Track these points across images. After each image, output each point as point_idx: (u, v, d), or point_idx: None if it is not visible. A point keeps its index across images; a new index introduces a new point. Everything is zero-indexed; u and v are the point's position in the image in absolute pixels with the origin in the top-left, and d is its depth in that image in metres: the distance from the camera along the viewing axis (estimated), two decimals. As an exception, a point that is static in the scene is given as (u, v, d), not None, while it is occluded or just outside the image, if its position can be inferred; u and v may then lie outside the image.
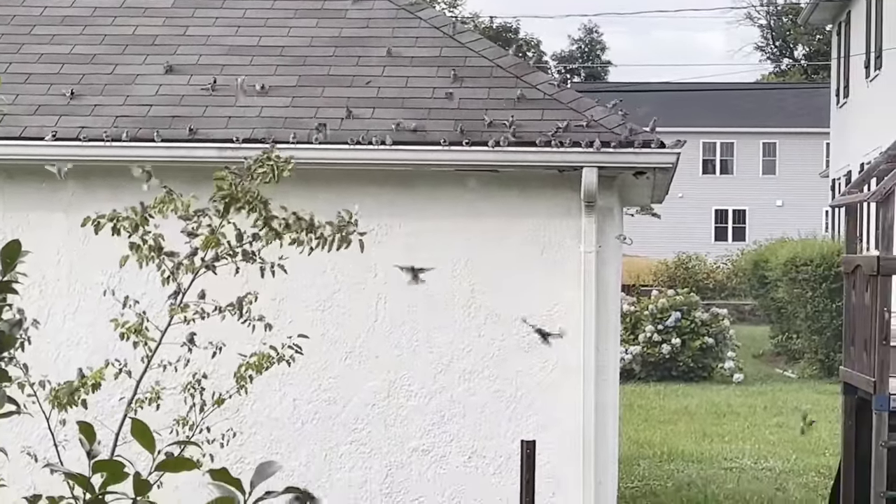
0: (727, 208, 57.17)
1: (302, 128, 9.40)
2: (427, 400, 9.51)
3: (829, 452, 16.98)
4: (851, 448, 12.36)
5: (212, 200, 5.18)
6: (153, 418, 4.71)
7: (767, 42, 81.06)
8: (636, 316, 25.61)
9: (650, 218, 36.23)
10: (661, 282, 40.04)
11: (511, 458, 9.08)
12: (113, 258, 9.18)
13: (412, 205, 9.55)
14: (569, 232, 9.44)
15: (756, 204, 56.33)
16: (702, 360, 25.52)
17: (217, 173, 5.21)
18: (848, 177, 29.94)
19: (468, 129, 9.33)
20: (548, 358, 9.45)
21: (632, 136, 9.22)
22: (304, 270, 8.70)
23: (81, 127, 9.47)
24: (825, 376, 25.12)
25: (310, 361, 9.33)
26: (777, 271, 27.69)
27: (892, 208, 11.38)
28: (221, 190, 5.05)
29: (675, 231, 50.33)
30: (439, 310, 9.48)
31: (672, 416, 20.64)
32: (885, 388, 10.90)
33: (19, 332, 5.48)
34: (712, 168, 57.75)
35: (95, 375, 5.43)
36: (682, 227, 51.98)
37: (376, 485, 9.48)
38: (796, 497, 14.51)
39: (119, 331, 5.57)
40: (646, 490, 14.86)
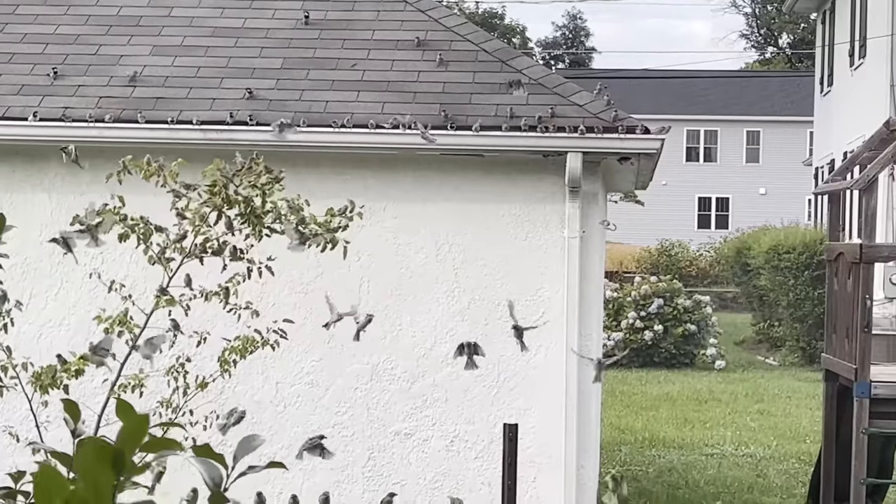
0: (710, 196, 57.26)
1: (287, 110, 9.37)
2: (409, 384, 9.51)
3: (809, 439, 17.05)
4: (832, 435, 12.40)
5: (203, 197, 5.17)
6: (136, 402, 4.71)
7: (752, 30, 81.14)
8: (619, 302, 25.65)
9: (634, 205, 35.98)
10: (645, 269, 40.10)
11: (493, 443, 9.09)
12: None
13: (396, 188, 9.54)
14: (553, 217, 9.45)
15: (739, 192, 56.43)
16: (684, 346, 25.59)
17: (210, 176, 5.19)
18: (831, 165, 30.01)
19: (453, 113, 9.32)
20: (531, 342, 9.44)
21: (616, 121, 9.22)
22: (288, 253, 8.68)
23: (65, 107, 9.43)
24: (806, 364, 25.21)
25: (293, 345, 9.32)
26: (759, 259, 27.75)
27: (875, 196, 11.41)
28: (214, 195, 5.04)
29: (659, 218, 50.43)
30: (423, 294, 9.48)
31: (654, 403, 20.69)
32: (867, 375, 10.94)
33: (1, 312, 5.47)
34: (696, 156, 57.81)
35: (78, 362, 5.41)
36: (665, 214, 52.08)
37: (358, 468, 9.49)
38: (777, 483, 14.56)
39: (103, 326, 5.55)
40: (627, 475, 14.89)
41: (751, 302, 31.28)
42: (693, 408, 20.29)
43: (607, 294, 24.72)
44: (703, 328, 25.87)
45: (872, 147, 12.57)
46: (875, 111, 23.84)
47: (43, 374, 5.18)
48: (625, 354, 7.55)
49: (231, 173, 4.94)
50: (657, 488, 14.04)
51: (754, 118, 57.10)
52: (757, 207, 52.34)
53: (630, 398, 21.14)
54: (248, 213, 4.85)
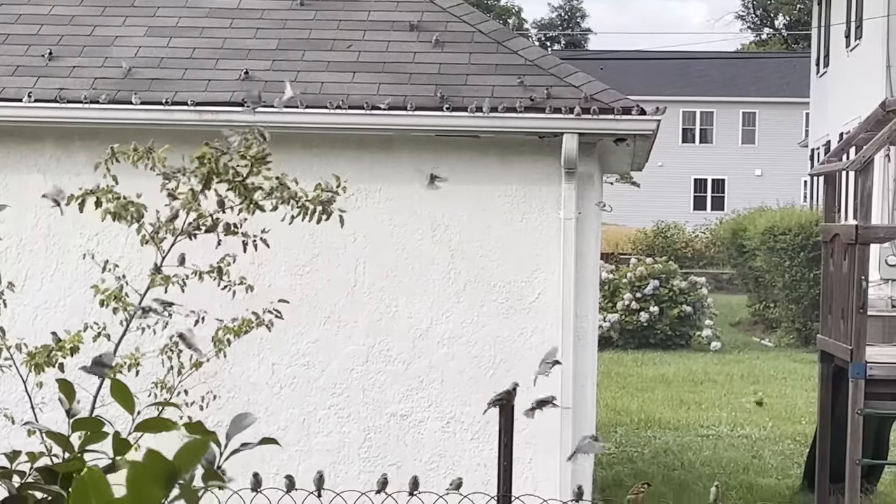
0: (706, 177, 57.25)
1: (282, 91, 9.34)
2: (405, 365, 9.51)
3: (805, 420, 17.08)
4: (827, 415, 12.43)
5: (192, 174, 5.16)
6: (131, 382, 4.70)
7: (748, 11, 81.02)
8: (615, 284, 25.66)
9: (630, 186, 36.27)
10: (640, 250, 40.11)
11: (489, 424, 9.09)
12: (91, 221, 9.14)
13: (392, 170, 9.53)
14: (549, 198, 9.44)
15: (735, 173, 56.43)
16: (679, 328, 25.61)
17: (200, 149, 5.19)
18: (827, 146, 30.00)
19: (449, 94, 9.30)
20: (527, 324, 9.46)
21: (612, 102, 9.20)
22: (283, 235, 8.68)
23: (60, 88, 9.41)
24: (802, 345, 25.24)
25: (288, 326, 9.32)
26: (755, 240, 27.75)
27: (871, 177, 11.40)
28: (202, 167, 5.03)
29: (655, 200, 50.41)
30: (418, 275, 9.48)
31: (649, 384, 20.71)
32: (862, 356, 10.95)
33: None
34: (692, 137, 57.78)
35: (73, 339, 5.41)
36: (661, 196, 52.07)
37: (354, 449, 9.50)
38: (772, 464, 14.58)
39: (99, 297, 5.54)
40: (623, 456, 14.92)
41: (746, 283, 31.30)
42: (689, 389, 20.32)
43: (603, 275, 24.73)
44: (698, 309, 25.89)
45: (868, 128, 12.56)
46: (871, 92, 23.83)
47: (37, 353, 5.17)
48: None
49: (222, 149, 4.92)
50: (653, 469, 14.07)
51: (750, 99, 57.06)
52: (753, 189, 52.35)
53: (626, 379, 21.17)
54: (238, 182, 4.84)
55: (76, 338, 5.11)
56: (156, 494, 1.66)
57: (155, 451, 1.69)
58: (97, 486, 1.61)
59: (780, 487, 12.77)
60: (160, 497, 1.67)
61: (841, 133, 26.99)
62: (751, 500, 8.68)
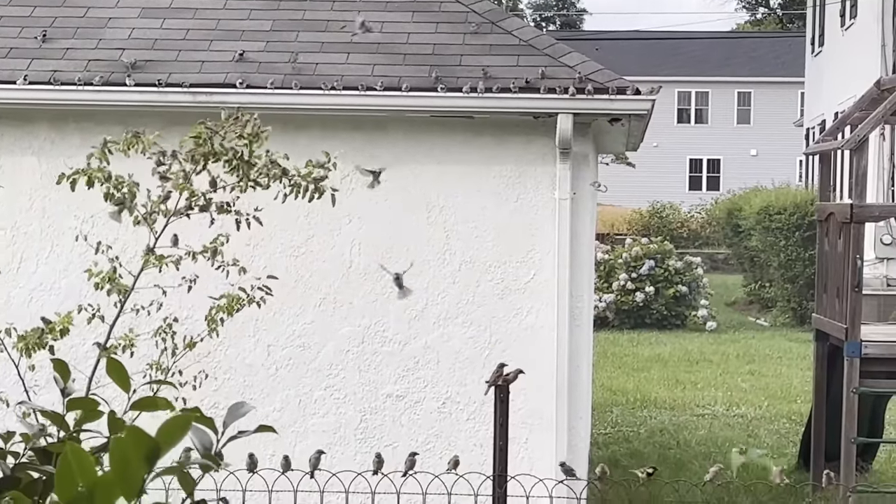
0: (702, 157, 57.24)
1: (277, 73, 9.34)
2: (401, 346, 9.52)
3: (800, 399, 17.11)
4: (823, 394, 12.46)
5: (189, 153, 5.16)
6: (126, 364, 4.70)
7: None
8: (610, 264, 25.68)
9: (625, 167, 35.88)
10: (636, 230, 40.14)
11: (485, 404, 9.10)
12: (86, 203, 9.14)
13: (387, 151, 9.52)
14: (543, 179, 9.43)
15: (730, 153, 56.42)
16: (675, 308, 25.63)
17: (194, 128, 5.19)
18: (822, 126, 30.00)
19: (443, 74, 9.29)
20: (522, 304, 9.46)
21: (607, 82, 9.20)
22: (278, 216, 8.68)
23: (54, 70, 9.39)
24: (797, 324, 25.28)
25: (284, 307, 9.34)
26: (751, 220, 27.77)
27: (866, 156, 11.40)
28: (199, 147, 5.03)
29: (650, 180, 50.43)
30: (413, 256, 9.47)
31: (645, 364, 20.74)
32: (857, 335, 10.98)
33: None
34: (687, 117, 57.76)
35: (63, 321, 5.40)
36: (656, 176, 52.08)
37: (350, 430, 9.51)
38: (767, 443, 14.61)
39: (94, 280, 5.54)
40: (619, 436, 14.95)
41: (742, 263, 31.33)
42: (684, 369, 20.35)
43: (598, 256, 24.74)
44: (694, 289, 25.91)
45: (863, 107, 12.56)
46: (866, 71, 23.81)
47: (28, 336, 5.17)
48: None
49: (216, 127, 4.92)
50: (648, 448, 14.10)
51: (745, 79, 57.02)
52: (748, 168, 52.34)
53: (621, 359, 21.20)
54: (237, 161, 4.84)
55: (66, 319, 5.10)
56: (139, 470, 1.67)
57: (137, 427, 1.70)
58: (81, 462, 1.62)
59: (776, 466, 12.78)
60: (143, 472, 1.68)
61: (836, 112, 26.98)
62: (746, 478, 8.71)
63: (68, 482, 1.63)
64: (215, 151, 5.07)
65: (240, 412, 2.41)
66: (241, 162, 5.03)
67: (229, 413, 2.39)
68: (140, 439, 1.67)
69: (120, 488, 1.65)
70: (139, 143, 5.29)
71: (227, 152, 5.09)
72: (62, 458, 1.64)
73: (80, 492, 1.60)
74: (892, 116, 11.87)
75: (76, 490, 1.61)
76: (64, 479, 1.63)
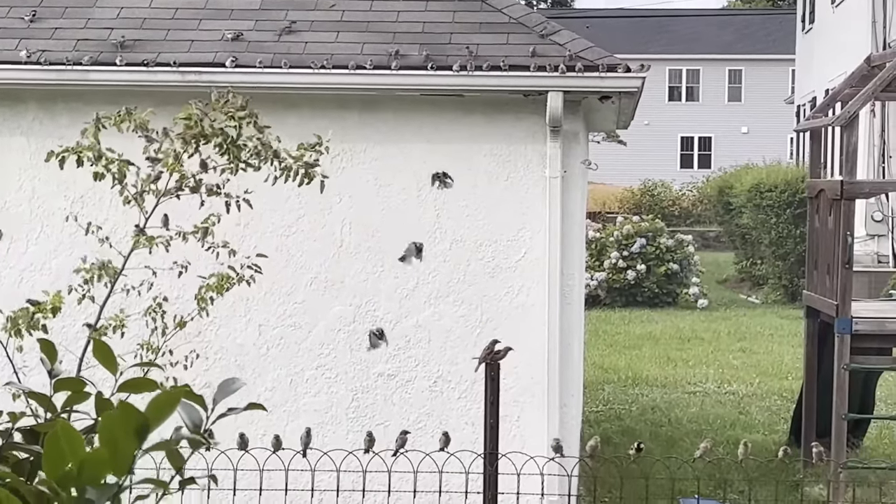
0: (693, 135, 57.23)
1: (266, 52, 9.31)
2: (392, 325, 9.52)
3: (791, 376, 17.15)
4: (814, 371, 12.49)
5: (179, 136, 5.15)
6: (117, 344, 4.70)
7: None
8: (601, 242, 25.70)
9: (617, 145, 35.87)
10: (627, 209, 40.14)
11: (476, 383, 9.11)
12: (76, 184, 9.12)
13: (378, 129, 9.50)
14: (534, 157, 9.42)
15: (721, 131, 56.42)
16: (666, 286, 25.66)
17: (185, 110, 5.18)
18: (813, 103, 30.00)
19: (433, 53, 9.27)
20: (513, 283, 9.46)
21: (597, 60, 9.18)
22: (268, 195, 8.66)
23: (42, 50, 9.35)
24: (789, 301, 25.32)
25: (275, 287, 9.33)
26: (742, 198, 27.79)
27: (856, 132, 11.41)
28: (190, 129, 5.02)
29: (641, 158, 50.42)
30: (404, 235, 9.47)
31: (637, 342, 20.77)
32: (848, 311, 11.00)
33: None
34: (678, 95, 57.72)
35: (55, 300, 5.39)
36: (647, 154, 52.07)
37: (342, 409, 9.51)
38: (759, 420, 14.65)
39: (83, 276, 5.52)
40: (610, 414, 14.98)
41: (733, 241, 31.36)
42: (676, 346, 20.39)
43: (590, 234, 24.76)
44: (685, 267, 25.94)
45: (853, 83, 12.56)
46: (856, 48, 23.80)
47: (18, 315, 5.15)
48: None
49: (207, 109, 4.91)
50: (640, 426, 14.13)
51: (736, 57, 56.98)
52: (739, 146, 52.32)
53: (613, 337, 21.23)
54: (228, 143, 4.83)
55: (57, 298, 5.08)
56: (129, 445, 1.66)
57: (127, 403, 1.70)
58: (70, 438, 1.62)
59: (767, 443, 12.83)
60: (133, 448, 1.68)
61: (827, 89, 26.97)
62: (738, 455, 8.72)
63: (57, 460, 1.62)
64: (205, 133, 5.06)
65: (230, 388, 2.40)
66: (231, 145, 5.02)
67: (220, 389, 2.38)
68: (130, 415, 1.67)
69: (110, 465, 1.65)
70: (131, 119, 5.28)
71: (217, 134, 5.08)
72: (51, 436, 1.64)
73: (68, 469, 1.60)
74: (883, 93, 11.87)
75: (65, 468, 1.61)
76: (53, 457, 1.63)
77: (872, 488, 10.75)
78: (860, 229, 20.62)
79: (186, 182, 5.08)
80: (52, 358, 2.36)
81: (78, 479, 1.62)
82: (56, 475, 1.62)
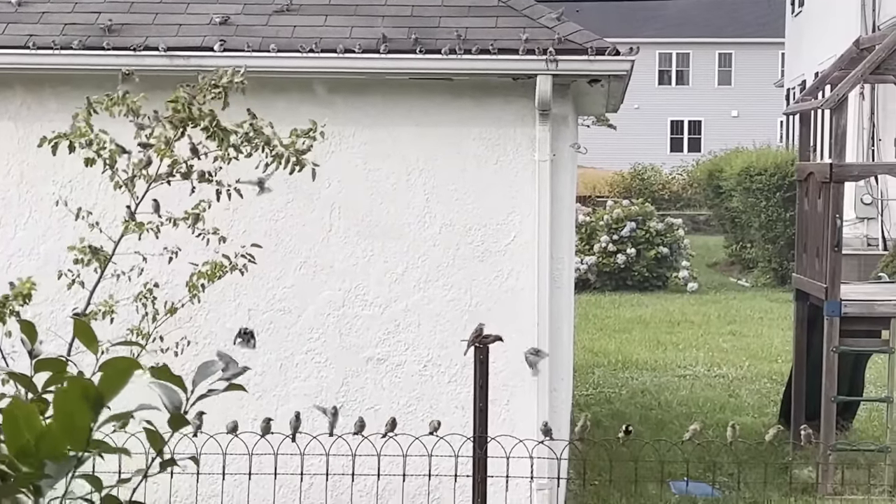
0: (683, 119, 57.25)
1: (254, 35, 9.29)
2: (382, 309, 9.52)
3: (781, 359, 17.18)
4: (803, 354, 12.51)
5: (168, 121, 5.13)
6: (107, 330, 4.69)
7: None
8: (591, 226, 25.70)
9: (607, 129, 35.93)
10: (617, 193, 40.18)
11: (466, 367, 9.11)
12: (64, 168, 9.09)
13: (366, 113, 9.49)
14: (523, 140, 9.42)
15: (711, 114, 56.45)
16: (656, 269, 25.68)
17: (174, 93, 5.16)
18: (802, 86, 30.00)
19: (422, 36, 9.25)
20: (503, 267, 9.46)
21: (586, 43, 9.17)
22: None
23: (29, 35, 9.32)
24: (778, 285, 25.36)
25: (264, 272, 9.32)
26: (731, 181, 27.80)
27: (845, 115, 11.41)
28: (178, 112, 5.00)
29: (631, 142, 50.42)
30: (394, 219, 9.46)
31: (627, 325, 20.80)
32: (837, 294, 11.01)
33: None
34: (668, 79, 57.73)
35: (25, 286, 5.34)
36: (637, 138, 52.07)
37: (332, 393, 9.51)
38: (748, 403, 14.68)
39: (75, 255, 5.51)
40: (600, 397, 15.00)
41: (723, 224, 31.39)
42: (666, 330, 20.41)
43: (580, 218, 24.76)
44: (675, 251, 25.96)
45: (843, 66, 12.56)
46: (846, 30, 23.81)
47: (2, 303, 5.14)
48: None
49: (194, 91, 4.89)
50: (630, 409, 14.15)
51: (726, 40, 56.98)
52: (729, 130, 52.37)
53: (603, 321, 21.24)
54: (214, 127, 4.81)
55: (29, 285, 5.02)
56: (83, 418, 1.67)
57: (78, 377, 1.70)
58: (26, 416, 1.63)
59: (757, 425, 12.86)
60: (88, 420, 1.69)
61: (816, 72, 26.99)
62: (727, 438, 8.74)
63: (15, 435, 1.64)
64: (193, 117, 5.05)
65: (210, 371, 2.40)
66: (217, 128, 5.01)
67: (199, 372, 2.38)
68: (83, 389, 1.68)
69: (66, 438, 1.66)
70: (124, 103, 5.27)
71: (204, 117, 5.06)
72: (6, 412, 1.66)
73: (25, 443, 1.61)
74: (872, 76, 11.87)
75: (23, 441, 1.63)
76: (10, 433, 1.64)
77: (861, 470, 10.78)
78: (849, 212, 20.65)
79: (178, 168, 5.07)
80: (33, 339, 2.36)
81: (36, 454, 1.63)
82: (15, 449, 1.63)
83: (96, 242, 5.66)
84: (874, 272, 18.87)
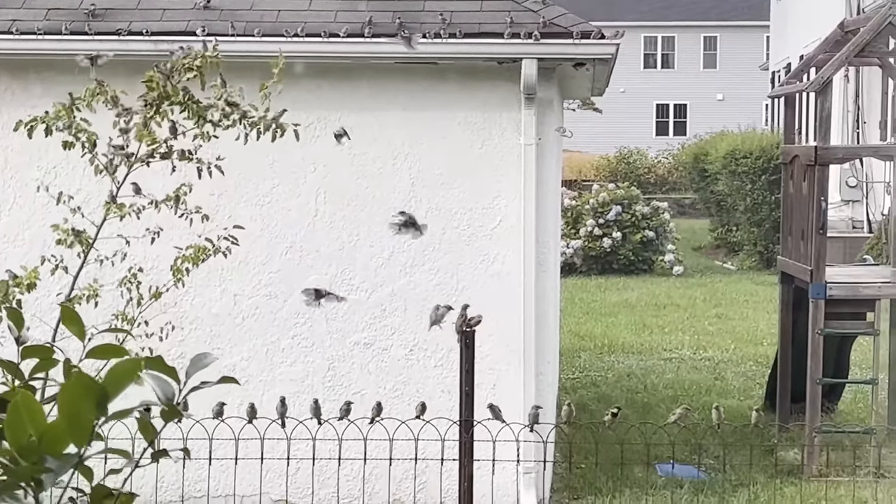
0: (668, 103, 57.25)
1: (239, 20, 9.27)
2: (368, 294, 9.51)
3: (766, 342, 17.22)
4: (788, 336, 12.53)
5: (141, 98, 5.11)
6: (92, 315, 4.68)
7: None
8: (577, 210, 25.71)
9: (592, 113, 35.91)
10: (603, 177, 40.17)
11: (452, 351, 9.11)
12: (48, 153, 9.07)
13: (351, 98, 9.47)
14: (509, 124, 9.41)
15: (697, 98, 56.44)
16: (642, 253, 25.71)
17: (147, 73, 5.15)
18: (787, 69, 30.03)
19: (407, 20, 9.23)
20: (489, 251, 9.47)
21: (571, 27, 9.17)
22: (242, 165, 8.64)
23: (13, 20, 9.29)
24: (764, 268, 25.40)
25: (250, 257, 9.31)
26: (717, 165, 27.83)
27: (830, 98, 11.42)
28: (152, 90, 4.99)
29: (617, 126, 50.39)
30: (380, 203, 9.46)
31: (613, 309, 20.82)
32: (822, 277, 11.03)
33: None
34: (653, 62, 57.71)
35: (30, 276, 5.36)
36: (623, 122, 52.04)
37: (318, 378, 9.52)
38: (734, 385, 14.72)
39: (57, 235, 5.50)
40: (587, 381, 15.02)
41: (708, 207, 31.43)
42: (652, 313, 20.44)
43: (566, 202, 24.76)
44: (661, 234, 25.99)
45: (827, 49, 12.57)
46: (831, 13, 23.82)
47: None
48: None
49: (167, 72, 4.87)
50: (616, 393, 14.17)
51: (711, 23, 56.97)
52: (714, 113, 52.37)
53: (589, 305, 21.27)
54: (187, 100, 4.79)
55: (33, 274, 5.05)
56: (88, 415, 1.66)
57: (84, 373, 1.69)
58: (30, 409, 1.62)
59: (743, 408, 12.89)
60: (92, 417, 1.68)
61: (801, 55, 27.01)
62: (713, 421, 8.78)
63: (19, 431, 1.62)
64: (167, 94, 5.03)
65: (203, 363, 2.40)
66: (192, 103, 4.99)
67: (192, 363, 2.38)
68: (88, 385, 1.67)
69: (70, 435, 1.64)
70: (103, 94, 5.25)
71: (178, 93, 5.04)
72: (12, 407, 1.64)
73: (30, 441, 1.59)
74: (856, 58, 11.89)
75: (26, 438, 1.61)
76: (14, 427, 1.63)
77: (846, 452, 10.82)
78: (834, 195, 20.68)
79: (157, 149, 5.05)
80: (19, 326, 2.35)
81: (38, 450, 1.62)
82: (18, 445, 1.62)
83: (80, 227, 5.65)
84: (859, 255, 18.92)
